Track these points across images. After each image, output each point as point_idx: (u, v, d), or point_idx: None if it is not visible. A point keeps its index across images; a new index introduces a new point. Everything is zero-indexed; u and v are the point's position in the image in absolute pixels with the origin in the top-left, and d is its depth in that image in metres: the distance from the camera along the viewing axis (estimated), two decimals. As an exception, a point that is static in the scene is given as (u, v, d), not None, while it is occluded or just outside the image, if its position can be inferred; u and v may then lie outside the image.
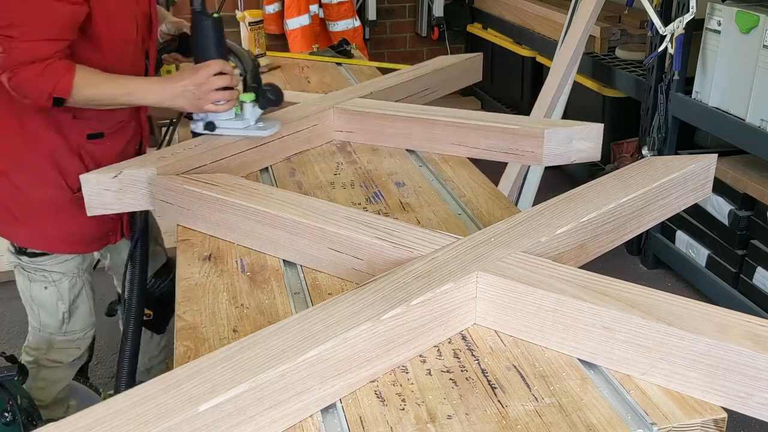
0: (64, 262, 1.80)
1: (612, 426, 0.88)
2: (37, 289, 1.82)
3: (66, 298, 1.84)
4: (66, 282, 1.82)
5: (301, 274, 1.29)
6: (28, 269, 1.79)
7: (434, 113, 1.77)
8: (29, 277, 1.81)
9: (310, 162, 1.76)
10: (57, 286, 1.81)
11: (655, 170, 1.38)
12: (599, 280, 1.03)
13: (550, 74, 3.45)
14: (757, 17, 2.59)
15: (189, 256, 1.36)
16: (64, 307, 1.85)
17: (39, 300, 1.83)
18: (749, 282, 2.77)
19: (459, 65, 2.31)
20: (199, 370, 0.88)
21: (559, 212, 1.23)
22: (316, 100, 1.94)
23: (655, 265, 3.36)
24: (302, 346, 0.91)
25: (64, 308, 1.85)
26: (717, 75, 2.81)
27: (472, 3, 5.18)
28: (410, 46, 5.35)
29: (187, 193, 1.43)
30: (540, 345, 1.04)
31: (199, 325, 1.15)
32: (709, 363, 0.90)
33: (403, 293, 1.01)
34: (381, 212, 1.49)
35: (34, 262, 1.77)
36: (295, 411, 0.91)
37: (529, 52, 4.39)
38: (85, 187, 1.46)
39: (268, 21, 4.41)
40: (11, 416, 1.75)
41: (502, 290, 1.05)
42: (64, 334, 1.88)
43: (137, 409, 0.82)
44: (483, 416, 0.91)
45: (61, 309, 1.85)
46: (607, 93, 3.62)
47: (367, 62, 2.81)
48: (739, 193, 2.78)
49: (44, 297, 1.82)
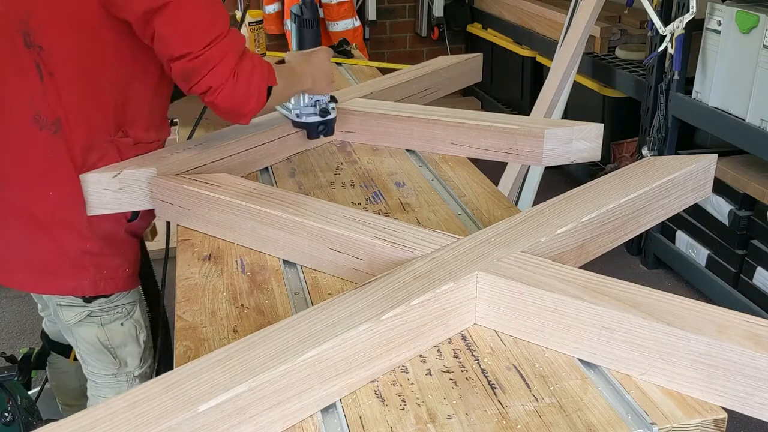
0: (133, 291, 1.67)
1: (612, 426, 0.88)
2: (115, 330, 1.65)
3: (143, 324, 1.71)
4: (137, 309, 1.69)
5: (301, 274, 1.29)
6: (99, 314, 1.62)
7: (434, 113, 1.77)
8: (101, 322, 1.63)
9: (310, 162, 1.76)
10: (132, 316, 1.67)
11: (655, 170, 1.38)
12: (599, 280, 1.03)
13: (550, 74, 3.45)
14: (757, 17, 2.59)
15: (189, 256, 1.36)
16: (144, 335, 1.71)
17: (119, 341, 1.66)
18: (749, 282, 2.77)
19: (459, 65, 2.31)
20: (199, 370, 0.88)
21: (559, 212, 1.23)
22: (316, 100, 1.94)
23: (655, 265, 3.36)
24: (302, 346, 0.91)
25: (144, 336, 1.71)
26: (717, 75, 2.81)
27: (472, 3, 5.18)
28: (410, 46, 5.35)
29: (187, 193, 1.43)
30: (540, 345, 1.04)
31: (199, 325, 1.15)
32: (709, 363, 0.90)
33: (403, 293, 1.01)
34: (381, 212, 1.49)
35: (110, 301, 1.62)
36: (295, 411, 0.91)
37: (529, 52, 4.39)
38: (84, 186, 1.46)
39: (268, 21, 4.41)
40: (11, 416, 1.74)
41: (502, 290, 1.05)
42: (141, 365, 1.74)
43: (137, 409, 0.82)
44: (483, 416, 0.91)
45: (141, 338, 1.71)
46: (607, 93, 3.62)
47: (367, 62, 2.81)
48: (739, 193, 2.78)
49: (125, 334, 1.67)
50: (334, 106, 1.76)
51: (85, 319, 1.62)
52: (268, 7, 4.58)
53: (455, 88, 2.34)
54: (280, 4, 4.53)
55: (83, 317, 1.62)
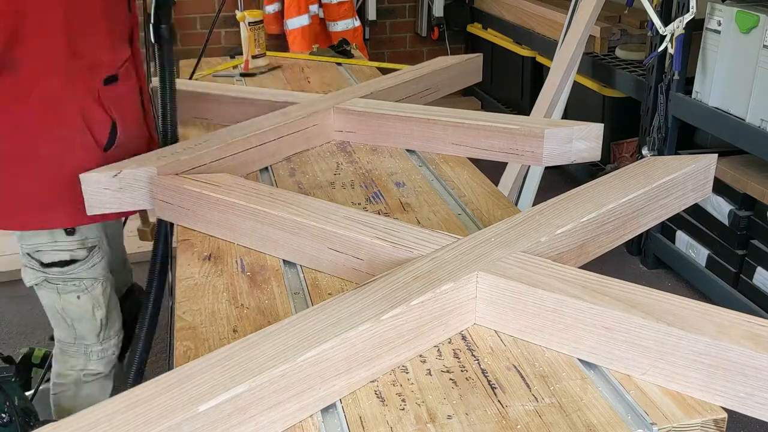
0: (94, 267, 1.75)
1: (612, 426, 0.88)
2: (70, 301, 1.75)
3: (102, 302, 1.79)
4: (98, 286, 1.77)
5: (301, 274, 1.29)
6: (56, 281, 1.72)
7: (434, 113, 1.77)
8: (58, 290, 1.74)
9: (310, 162, 1.76)
10: (91, 292, 1.76)
11: (655, 170, 1.38)
12: (599, 280, 1.03)
13: (550, 74, 3.45)
14: (757, 17, 2.59)
15: (189, 256, 1.36)
16: (101, 312, 1.79)
17: (73, 312, 1.77)
18: (749, 282, 2.77)
19: (459, 66, 2.31)
20: (199, 370, 0.88)
21: (559, 212, 1.23)
22: (316, 100, 1.94)
23: (655, 265, 3.36)
24: (302, 346, 0.91)
25: (102, 314, 1.79)
26: (717, 75, 2.81)
27: (472, 3, 5.18)
28: (410, 46, 5.35)
29: (187, 193, 1.43)
30: (540, 345, 1.04)
31: (199, 325, 1.15)
32: (709, 363, 0.90)
33: (403, 293, 1.01)
34: (381, 212, 1.49)
35: (65, 272, 1.71)
36: (295, 411, 0.91)
37: (529, 52, 4.39)
38: (84, 185, 1.46)
39: (268, 21, 4.41)
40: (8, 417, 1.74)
41: (502, 290, 1.05)
42: (101, 342, 1.83)
43: (137, 409, 0.82)
44: (483, 416, 0.91)
45: (99, 315, 1.79)
46: (607, 93, 3.62)
47: (367, 62, 2.81)
48: (739, 193, 2.78)
49: (80, 307, 1.76)
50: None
51: (42, 284, 1.71)
52: (268, 7, 4.58)
53: (455, 89, 2.33)
54: (280, 4, 4.54)
55: (40, 281, 1.71)
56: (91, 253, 1.76)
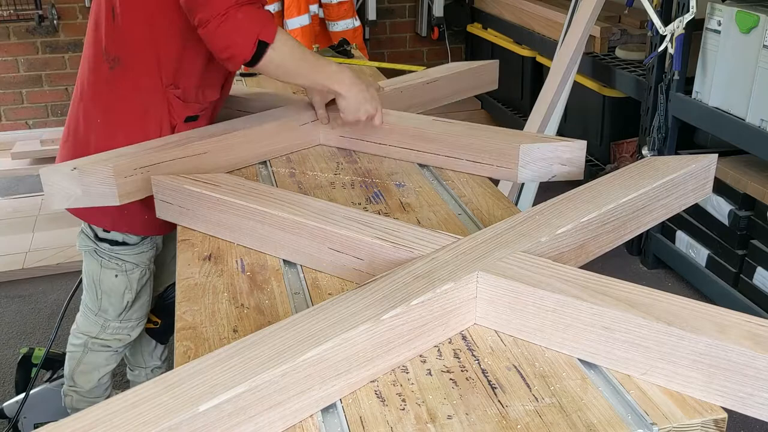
0: (141, 254, 1.83)
1: (612, 426, 0.88)
2: (107, 276, 1.84)
3: (134, 287, 1.87)
4: (137, 272, 1.85)
5: (301, 274, 1.29)
6: (102, 255, 1.82)
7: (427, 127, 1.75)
8: (101, 263, 1.83)
9: (310, 162, 1.76)
10: (128, 275, 1.84)
11: (655, 170, 1.38)
12: (599, 280, 1.03)
13: (550, 74, 3.45)
14: (757, 17, 2.59)
15: (189, 256, 1.36)
16: (130, 296, 1.88)
17: (107, 287, 1.86)
18: (749, 282, 2.77)
19: (471, 74, 2.24)
20: (199, 370, 0.88)
21: (559, 212, 1.23)
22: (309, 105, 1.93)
23: (655, 265, 3.36)
24: (302, 346, 0.91)
25: (130, 297, 1.88)
26: (717, 75, 2.81)
27: (472, 3, 5.18)
28: (410, 46, 5.35)
29: (187, 193, 1.43)
30: (540, 345, 1.04)
31: (199, 325, 1.15)
32: (709, 363, 0.90)
33: (403, 293, 1.01)
34: (381, 212, 1.49)
35: (113, 250, 1.80)
36: (295, 411, 0.91)
37: (529, 52, 4.39)
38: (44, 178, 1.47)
39: (268, 21, 4.40)
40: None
41: (502, 290, 1.05)
42: (120, 321, 1.91)
43: (137, 409, 0.82)
44: (483, 416, 0.91)
45: (127, 298, 1.87)
46: (607, 93, 3.62)
47: (367, 62, 2.82)
48: (739, 193, 2.78)
49: (113, 284, 1.85)
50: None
51: (90, 252, 1.82)
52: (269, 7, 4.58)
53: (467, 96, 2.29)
54: (280, 4, 4.54)
55: (90, 249, 1.82)
56: (143, 242, 1.84)
